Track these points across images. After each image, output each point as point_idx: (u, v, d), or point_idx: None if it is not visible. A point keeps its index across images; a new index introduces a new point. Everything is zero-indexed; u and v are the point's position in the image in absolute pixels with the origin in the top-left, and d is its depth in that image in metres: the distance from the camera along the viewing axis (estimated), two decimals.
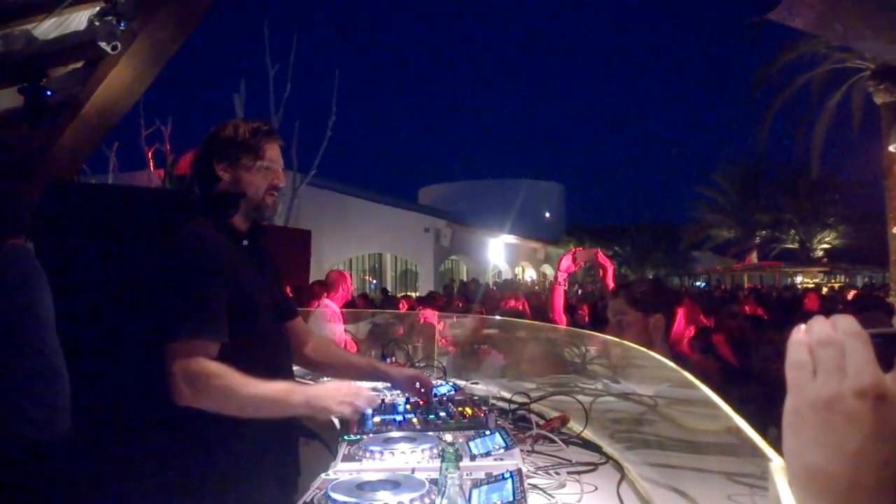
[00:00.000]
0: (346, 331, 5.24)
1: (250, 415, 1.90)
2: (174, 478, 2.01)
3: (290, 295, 2.56)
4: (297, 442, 2.28)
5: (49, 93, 4.24)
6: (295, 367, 2.44)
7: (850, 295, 14.94)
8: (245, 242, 2.15)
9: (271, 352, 2.14)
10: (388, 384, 2.54)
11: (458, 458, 1.47)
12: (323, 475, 1.68)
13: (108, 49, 3.86)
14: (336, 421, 2.44)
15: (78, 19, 4.01)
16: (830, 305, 10.00)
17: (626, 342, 2.38)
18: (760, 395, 2.97)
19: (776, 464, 0.90)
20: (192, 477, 1.97)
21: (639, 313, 2.55)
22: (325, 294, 6.06)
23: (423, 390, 2.38)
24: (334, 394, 1.93)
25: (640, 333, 2.52)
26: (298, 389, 1.96)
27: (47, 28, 3.99)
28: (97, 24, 3.81)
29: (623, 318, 2.58)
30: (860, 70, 15.73)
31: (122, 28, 3.86)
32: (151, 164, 18.39)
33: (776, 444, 0.94)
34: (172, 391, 1.85)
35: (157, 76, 4.56)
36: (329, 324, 5.21)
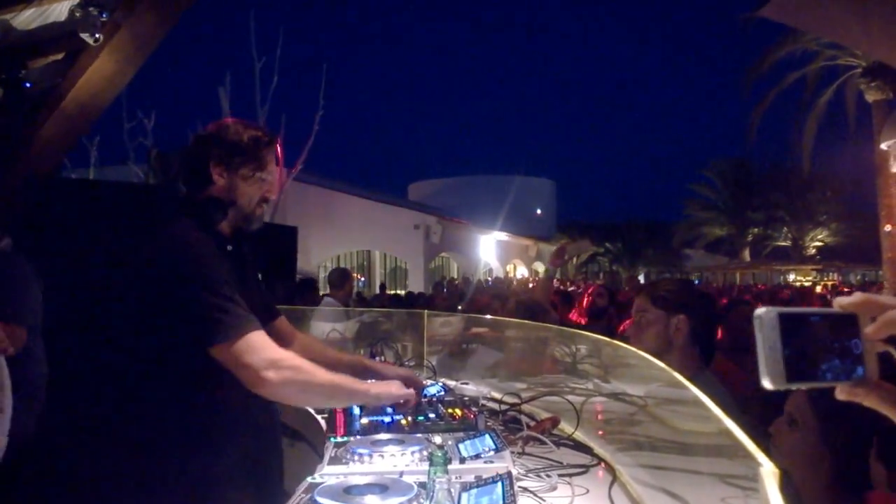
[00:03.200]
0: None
1: (324, 402, 2.00)
2: (154, 481, 1.93)
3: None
4: (281, 444, 2.22)
5: (28, 84, 4.15)
6: None
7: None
8: (229, 248, 2.08)
9: None
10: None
11: (447, 462, 1.45)
12: (309, 479, 1.66)
13: (90, 40, 3.78)
14: (322, 422, 2.39)
15: (59, 9, 3.93)
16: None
17: (615, 342, 2.36)
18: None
19: (767, 469, 0.89)
20: (171, 480, 1.91)
21: (661, 312, 2.47)
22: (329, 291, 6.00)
23: (413, 391, 2.32)
24: (390, 386, 2.02)
25: (661, 333, 2.45)
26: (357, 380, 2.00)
27: (27, 18, 3.91)
28: (78, 14, 3.73)
29: (644, 315, 2.52)
30: (852, 67, 15.81)
31: (103, 18, 3.78)
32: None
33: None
34: (255, 383, 1.78)
35: (140, 68, 4.48)
36: (323, 322, 5.15)
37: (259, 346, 1.80)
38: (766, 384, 0.69)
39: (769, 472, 0.88)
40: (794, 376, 0.69)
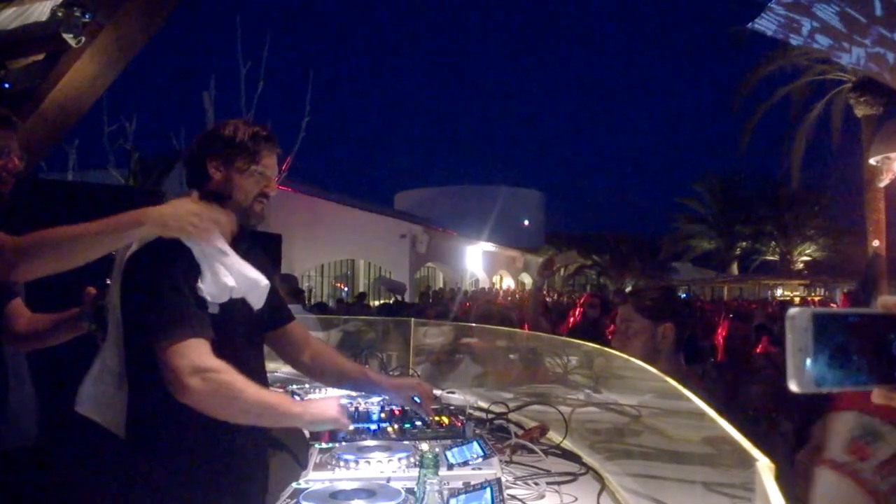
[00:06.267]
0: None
1: (251, 420, 1.84)
2: (139, 487, 1.91)
3: None
4: (267, 453, 2.17)
5: (7, 85, 4.09)
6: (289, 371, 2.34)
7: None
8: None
9: (242, 360, 2.03)
10: (382, 396, 2.40)
11: (437, 464, 1.41)
12: (294, 484, 1.65)
13: (72, 41, 3.72)
14: (306, 431, 2.36)
15: (40, 9, 3.86)
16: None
17: (608, 349, 2.37)
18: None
19: (762, 463, 0.89)
20: (158, 487, 1.87)
21: (647, 321, 2.48)
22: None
23: (419, 402, 2.21)
24: (329, 408, 1.87)
25: (648, 342, 2.46)
26: (295, 400, 1.92)
27: (7, 17, 3.85)
28: (60, 14, 3.67)
29: (631, 325, 2.51)
30: (841, 82, 15.97)
31: (86, 20, 3.72)
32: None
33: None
34: (177, 389, 1.74)
35: (123, 71, 4.43)
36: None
37: (189, 352, 1.76)
38: (794, 387, 0.65)
39: (765, 466, 0.88)
40: (825, 379, 0.65)
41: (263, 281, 2.05)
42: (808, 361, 0.65)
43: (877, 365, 0.67)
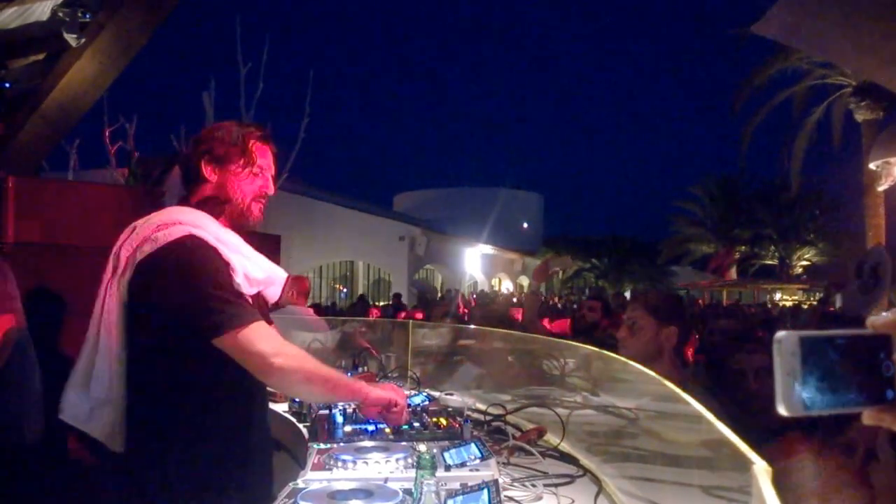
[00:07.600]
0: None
1: (324, 395, 1.98)
2: (142, 481, 1.90)
3: None
4: (272, 459, 2.17)
5: (7, 85, 4.10)
6: None
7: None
8: None
9: None
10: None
11: (435, 464, 1.42)
12: (291, 484, 1.64)
13: (72, 41, 3.73)
14: (304, 430, 2.37)
15: (41, 9, 3.87)
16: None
17: (606, 353, 2.37)
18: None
19: (759, 466, 0.90)
20: (169, 485, 1.86)
21: (654, 321, 2.53)
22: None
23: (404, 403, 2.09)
24: (390, 388, 2.02)
25: (651, 341, 2.52)
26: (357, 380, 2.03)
27: (7, 17, 3.85)
28: (61, 14, 3.68)
29: (638, 322, 2.56)
30: (841, 86, 15.92)
31: (87, 19, 3.73)
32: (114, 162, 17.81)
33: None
34: (265, 371, 1.81)
35: (123, 71, 4.43)
36: (305, 331, 5.08)
37: (266, 335, 1.82)
38: (783, 411, 0.66)
39: (762, 470, 0.89)
40: (814, 402, 0.66)
41: (282, 273, 2.09)
42: (797, 385, 0.65)
43: (867, 386, 0.67)
